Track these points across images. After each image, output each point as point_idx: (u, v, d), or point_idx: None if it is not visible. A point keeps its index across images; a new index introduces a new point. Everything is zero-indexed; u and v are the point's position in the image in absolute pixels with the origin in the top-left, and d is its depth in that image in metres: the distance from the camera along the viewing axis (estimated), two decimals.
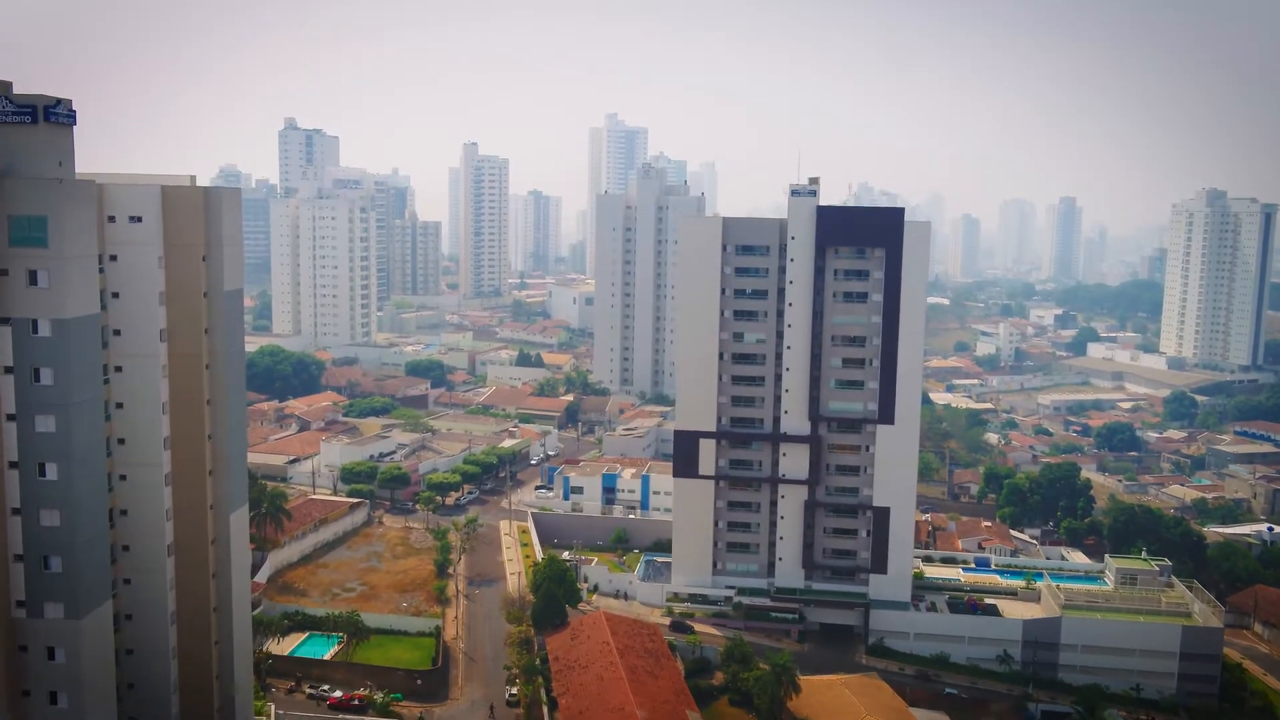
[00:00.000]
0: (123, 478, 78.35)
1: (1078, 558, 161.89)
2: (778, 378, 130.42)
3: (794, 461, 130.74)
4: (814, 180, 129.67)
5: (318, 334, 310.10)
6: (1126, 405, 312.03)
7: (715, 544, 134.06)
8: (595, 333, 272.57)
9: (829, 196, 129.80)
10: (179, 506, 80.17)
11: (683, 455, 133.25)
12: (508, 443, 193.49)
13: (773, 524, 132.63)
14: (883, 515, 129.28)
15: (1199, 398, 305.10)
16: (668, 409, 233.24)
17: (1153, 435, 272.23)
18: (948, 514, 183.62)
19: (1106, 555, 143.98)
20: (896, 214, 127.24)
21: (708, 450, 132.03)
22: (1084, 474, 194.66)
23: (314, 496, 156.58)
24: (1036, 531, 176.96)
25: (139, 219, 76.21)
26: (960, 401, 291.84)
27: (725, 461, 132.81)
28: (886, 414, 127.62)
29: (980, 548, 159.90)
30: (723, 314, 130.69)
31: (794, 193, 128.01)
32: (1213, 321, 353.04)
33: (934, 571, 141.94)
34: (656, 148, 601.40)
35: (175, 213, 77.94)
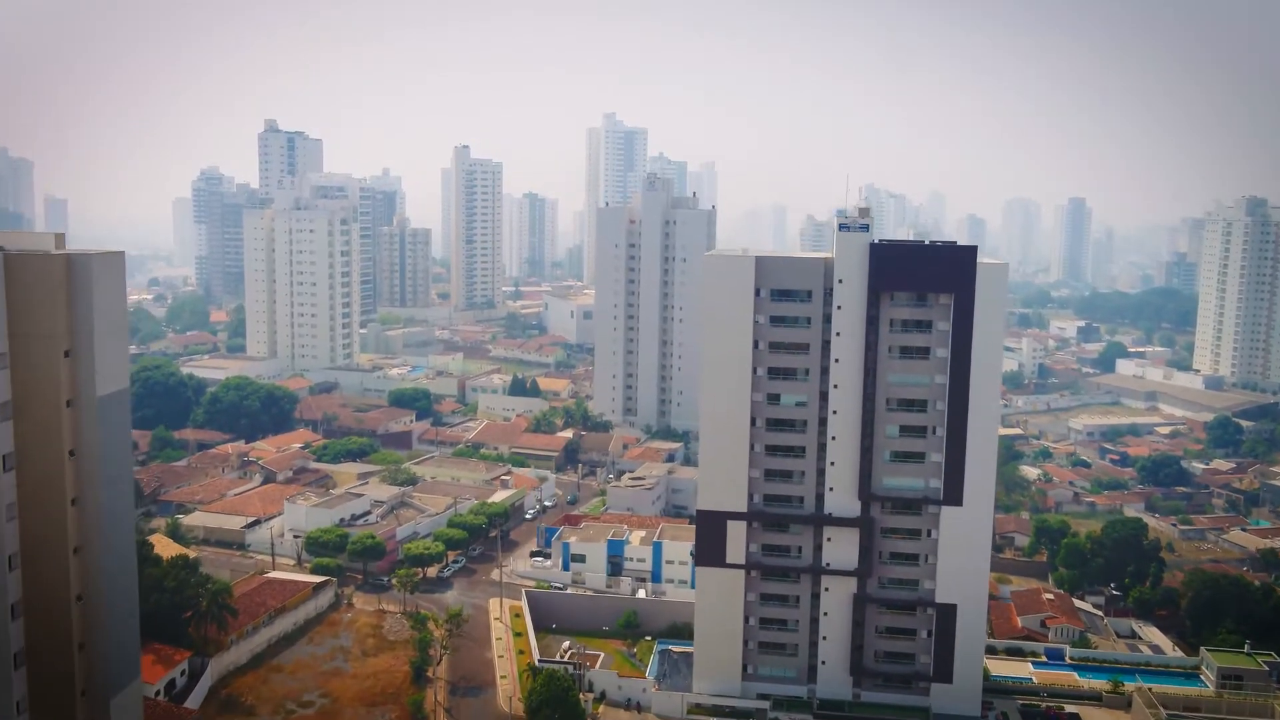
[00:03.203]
0: None
1: (1152, 634, 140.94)
2: (821, 448, 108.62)
3: (840, 548, 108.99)
4: (864, 212, 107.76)
5: (295, 356, 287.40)
6: (1165, 430, 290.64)
7: (746, 643, 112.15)
8: (596, 359, 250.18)
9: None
10: (35, 695, 58.06)
11: (707, 540, 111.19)
12: (499, 495, 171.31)
13: (814, 621, 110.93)
14: (947, 613, 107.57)
15: (1242, 422, 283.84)
16: (675, 447, 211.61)
17: (1199, 466, 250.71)
18: (996, 574, 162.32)
19: (1203, 649, 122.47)
20: (968, 253, 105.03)
21: (737, 534, 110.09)
22: (1146, 527, 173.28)
23: (272, 574, 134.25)
24: (1100, 599, 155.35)
25: None
26: None
27: (758, 547, 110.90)
28: (953, 494, 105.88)
29: (1043, 626, 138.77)
30: (755, 371, 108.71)
31: (842, 227, 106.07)
32: (1252, 338, 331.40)
33: (999, 667, 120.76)
34: (655, 148, 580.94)
35: (23, 290, 55.56)
